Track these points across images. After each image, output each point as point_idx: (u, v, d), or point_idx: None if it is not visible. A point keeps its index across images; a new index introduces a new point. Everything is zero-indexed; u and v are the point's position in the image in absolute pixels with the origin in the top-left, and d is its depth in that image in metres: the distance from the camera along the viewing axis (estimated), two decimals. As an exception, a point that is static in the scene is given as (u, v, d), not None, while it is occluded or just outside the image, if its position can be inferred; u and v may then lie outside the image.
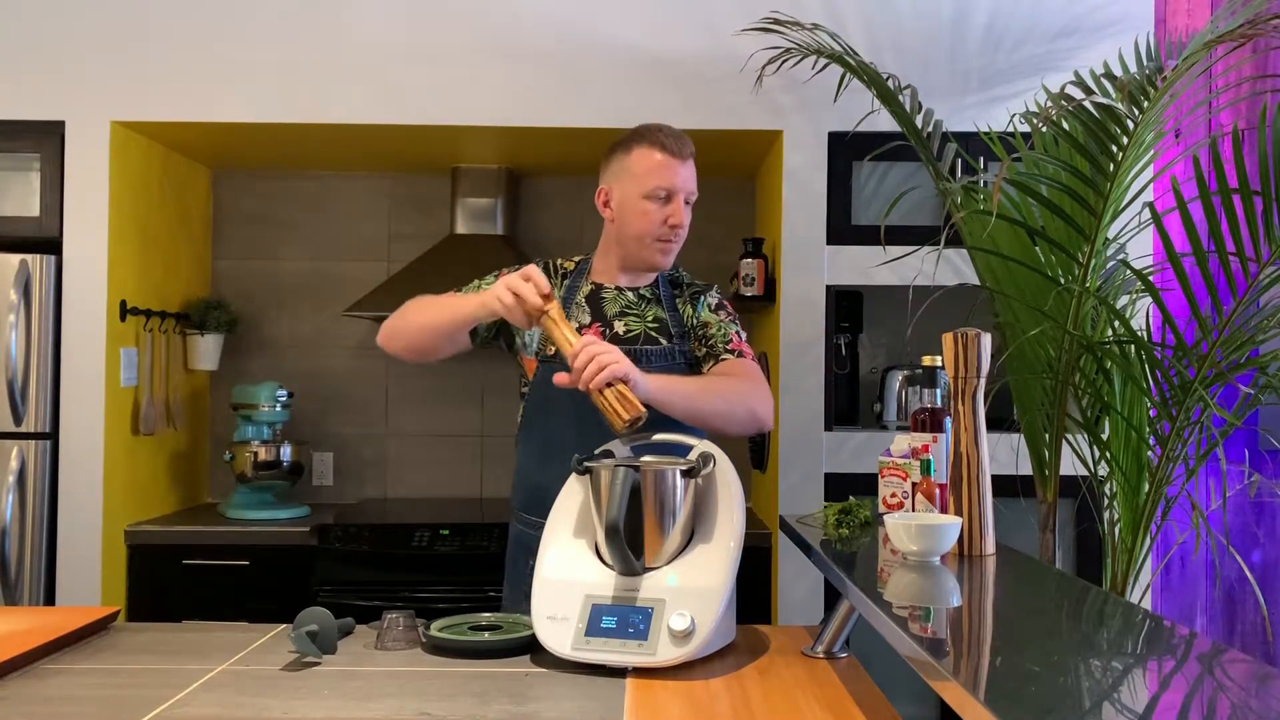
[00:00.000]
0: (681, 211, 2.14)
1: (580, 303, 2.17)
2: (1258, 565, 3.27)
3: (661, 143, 2.12)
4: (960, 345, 1.79)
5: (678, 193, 2.12)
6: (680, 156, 2.13)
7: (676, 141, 2.13)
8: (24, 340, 3.04)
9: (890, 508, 1.99)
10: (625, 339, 2.12)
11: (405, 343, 2.14)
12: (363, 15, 3.12)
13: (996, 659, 1.24)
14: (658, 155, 2.11)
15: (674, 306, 2.19)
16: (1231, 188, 2.18)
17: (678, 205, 2.13)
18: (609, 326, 2.13)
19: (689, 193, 2.15)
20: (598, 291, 2.18)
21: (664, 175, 2.11)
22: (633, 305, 2.17)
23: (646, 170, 2.11)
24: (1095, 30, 3.08)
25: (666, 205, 2.12)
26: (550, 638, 1.66)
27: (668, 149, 2.12)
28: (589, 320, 2.14)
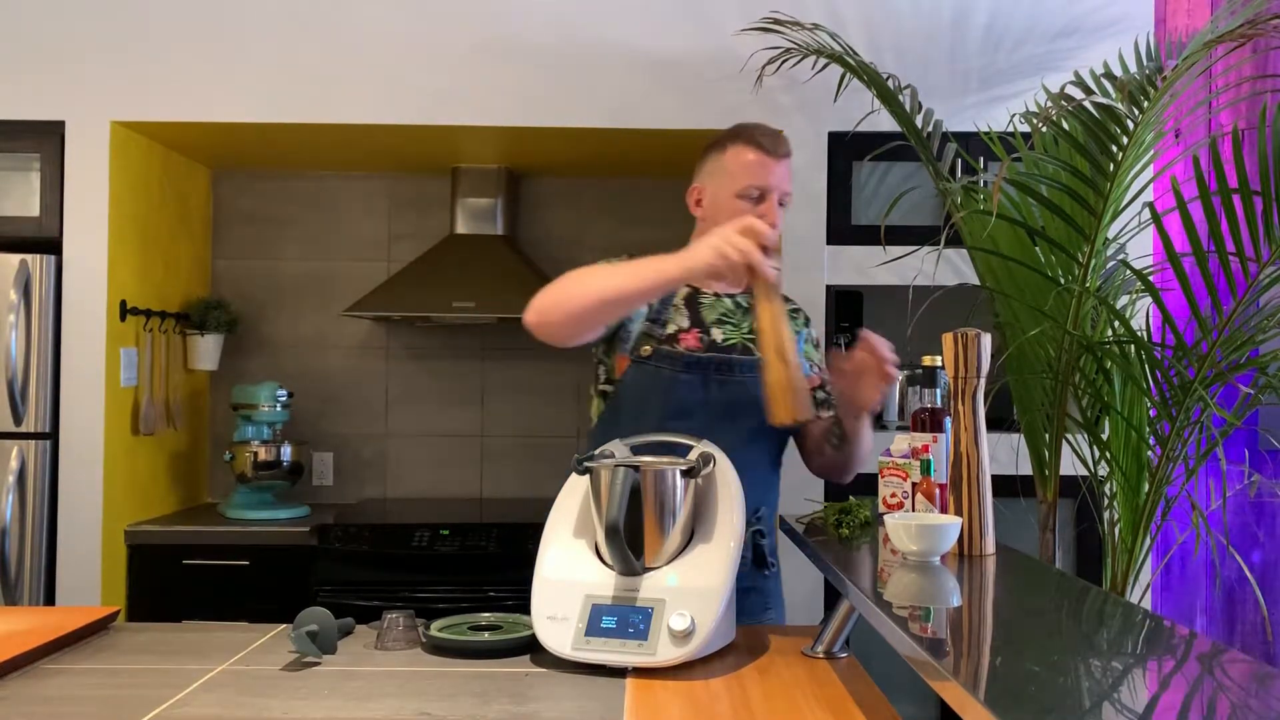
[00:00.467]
0: (775, 211, 2.05)
1: (678, 305, 2.10)
2: (1258, 565, 3.27)
3: (756, 140, 2.06)
4: (960, 345, 1.79)
5: (771, 191, 2.05)
6: (775, 155, 2.06)
7: (772, 140, 2.06)
8: (24, 340, 3.04)
9: (890, 508, 1.99)
10: (722, 347, 2.07)
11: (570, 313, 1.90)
12: (363, 15, 3.12)
13: (996, 659, 1.24)
14: (752, 154, 2.05)
15: None
16: (1231, 188, 2.18)
17: (771, 204, 2.05)
18: (706, 333, 2.09)
19: (783, 193, 2.07)
20: (695, 295, 2.12)
21: (757, 174, 2.04)
22: (730, 313, 2.12)
23: (740, 168, 2.06)
24: (1095, 30, 3.08)
25: (759, 204, 2.04)
26: (550, 638, 1.66)
27: (762, 147, 2.05)
28: (687, 325, 2.08)
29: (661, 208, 3.87)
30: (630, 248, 3.93)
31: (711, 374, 2.05)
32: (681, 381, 2.03)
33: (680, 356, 2.04)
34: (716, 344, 2.08)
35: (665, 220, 3.86)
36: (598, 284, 1.88)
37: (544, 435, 3.86)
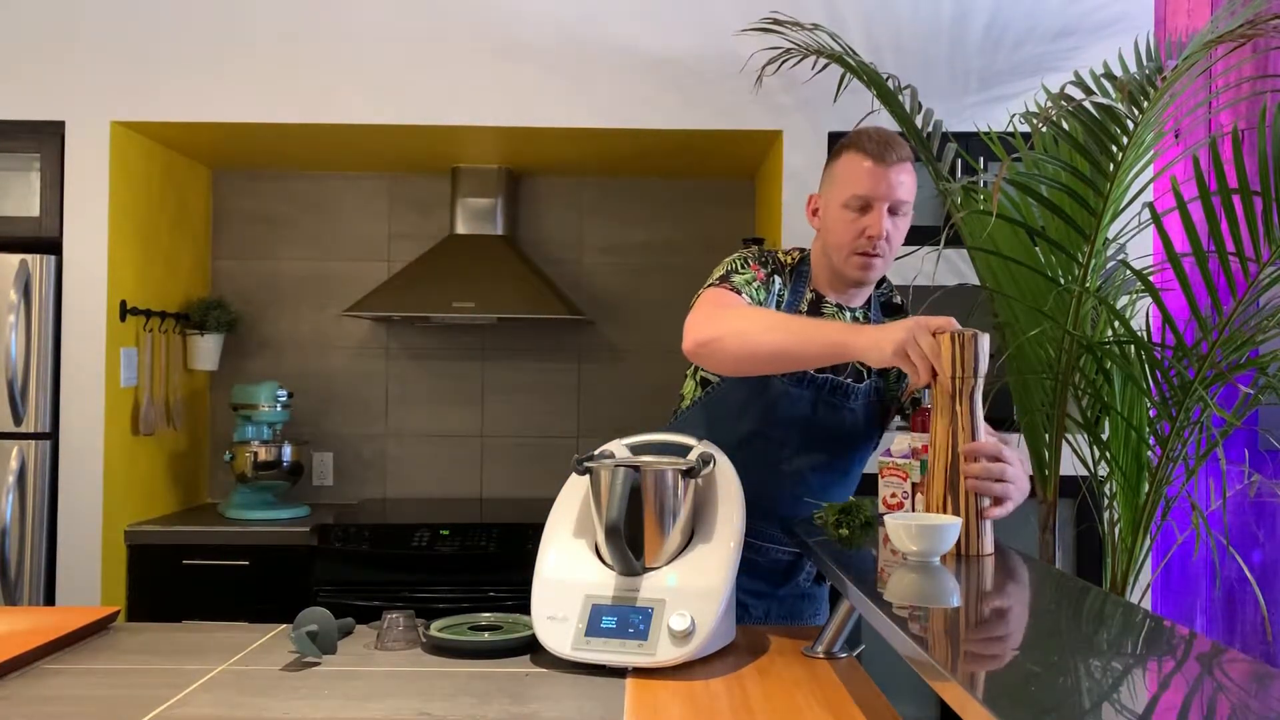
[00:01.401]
0: (881, 222, 1.95)
1: (802, 311, 2.04)
2: (1258, 565, 3.27)
3: (865, 147, 1.96)
4: (958, 346, 1.79)
5: (878, 201, 1.95)
6: (884, 162, 1.94)
7: (882, 146, 1.95)
8: (24, 340, 3.04)
9: (890, 508, 1.98)
10: (833, 366, 2.02)
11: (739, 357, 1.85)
12: (363, 15, 3.12)
13: (996, 659, 1.24)
14: (860, 161, 1.95)
15: None
16: (1231, 188, 2.18)
17: (877, 214, 1.95)
18: None
19: (894, 201, 1.96)
20: (818, 303, 2.06)
21: (863, 181, 1.95)
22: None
23: (848, 176, 1.97)
24: (1095, 30, 3.08)
25: (865, 215, 1.96)
26: (550, 638, 1.66)
27: (870, 153, 1.95)
28: None
29: (661, 208, 3.87)
30: (630, 248, 3.95)
31: (824, 395, 2.01)
32: (793, 395, 2.00)
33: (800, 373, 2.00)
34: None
35: (665, 220, 3.87)
36: (771, 339, 1.82)
37: (544, 435, 3.86)
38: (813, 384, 2.01)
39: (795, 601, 2.14)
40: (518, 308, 3.48)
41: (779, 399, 2.00)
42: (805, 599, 2.16)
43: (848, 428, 2.04)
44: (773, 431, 1.98)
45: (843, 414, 2.04)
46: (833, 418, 2.03)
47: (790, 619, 2.11)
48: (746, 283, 1.98)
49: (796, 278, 2.08)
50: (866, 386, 2.05)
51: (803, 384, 2.01)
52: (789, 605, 2.12)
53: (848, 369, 2.04)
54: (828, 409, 2.02)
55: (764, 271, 2.03)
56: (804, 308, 2.05)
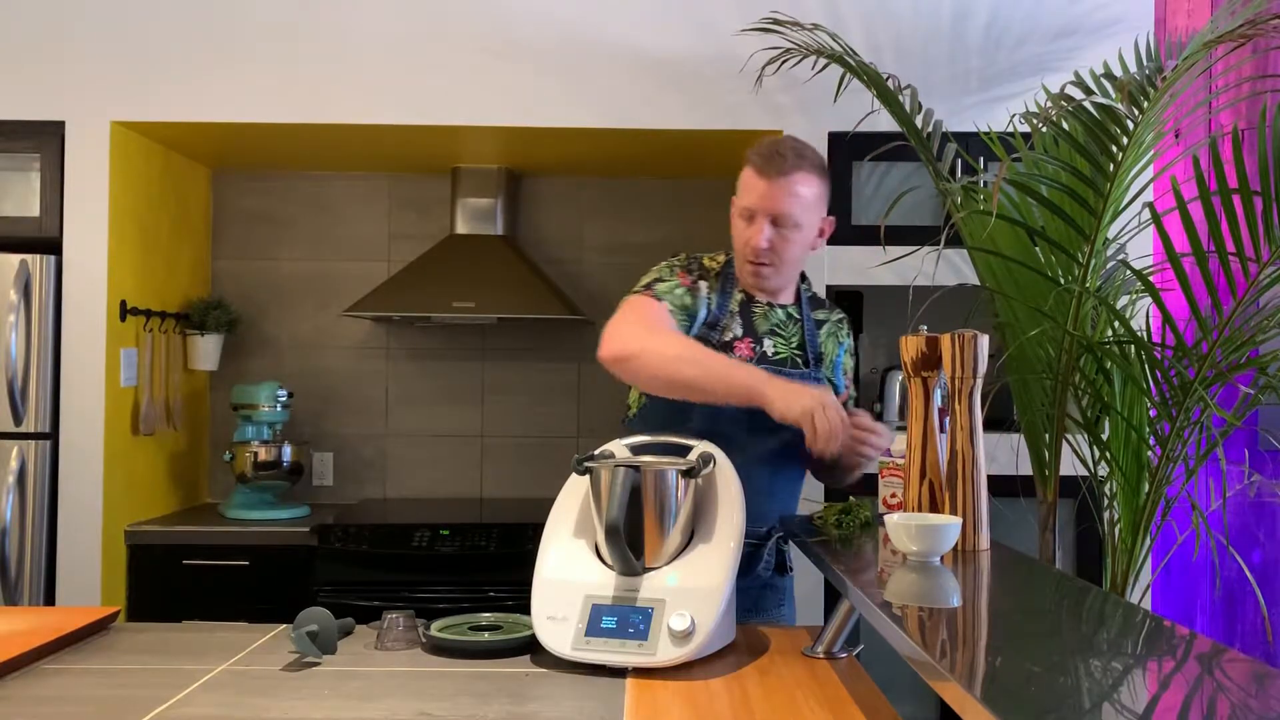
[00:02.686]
0: (759, 234, 2.00)
1: (733, 311, 2.09)
2: (1258, 565, 3.27)
3: (754, 159, 2.02)
4: (958, 346, 1.79)
5: (759, 213, 2.00)
6: (767, 175, 1.99)
7: (768, 158, 2.00)
8: (24, 340, 3.04)
9: (890, 508, 1.99)
10: (773, 360, 2.08)
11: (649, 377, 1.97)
12: (363, 15, 3.12)
13: (996, 659, 1.24)
14: (749, 172, 2.02)
15: (815, 334, 2.15)
16: (1231, 188, 2.18)
17: (757, 226, 2.01)
18: (759, 343, 2.09)
19: (776, 214, 2.00)
20: (749, 303, 2.12)
21: (748, 193, 2.02)
22: (781, 325, 2.13)
23: (741, 186, 2.04)
24: (1095, 30, 3.08)
25: (751, 225, 2.02)
26: (550, 638, 1.66)
27: (756, 166, 2.01)
28: (740, 333, 2.08)
29: (661, 208, 3.87)
30: (630, 248, 3.95)
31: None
32: None
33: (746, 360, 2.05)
34: (767, 356, 2.08)
35: (665, 220, 3.87)
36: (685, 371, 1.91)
37: (544, 435, 3.86)
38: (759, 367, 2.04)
39: (758, 593, 2.15)
40: (518, 308, 3.48)
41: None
42: (768, 589, 2.17)
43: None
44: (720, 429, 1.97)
45: None
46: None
47: (754, 611, 2.12)
48: (669, 290, 2.05)
49: (725, 280, 2.12)
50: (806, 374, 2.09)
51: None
52: (752, 596, 2.13)
53: (787, 365, 2.08)
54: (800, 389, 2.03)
55: (690, 278, 2.08)
56: (735, 307, 2.09)
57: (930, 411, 1.87)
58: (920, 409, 1.88)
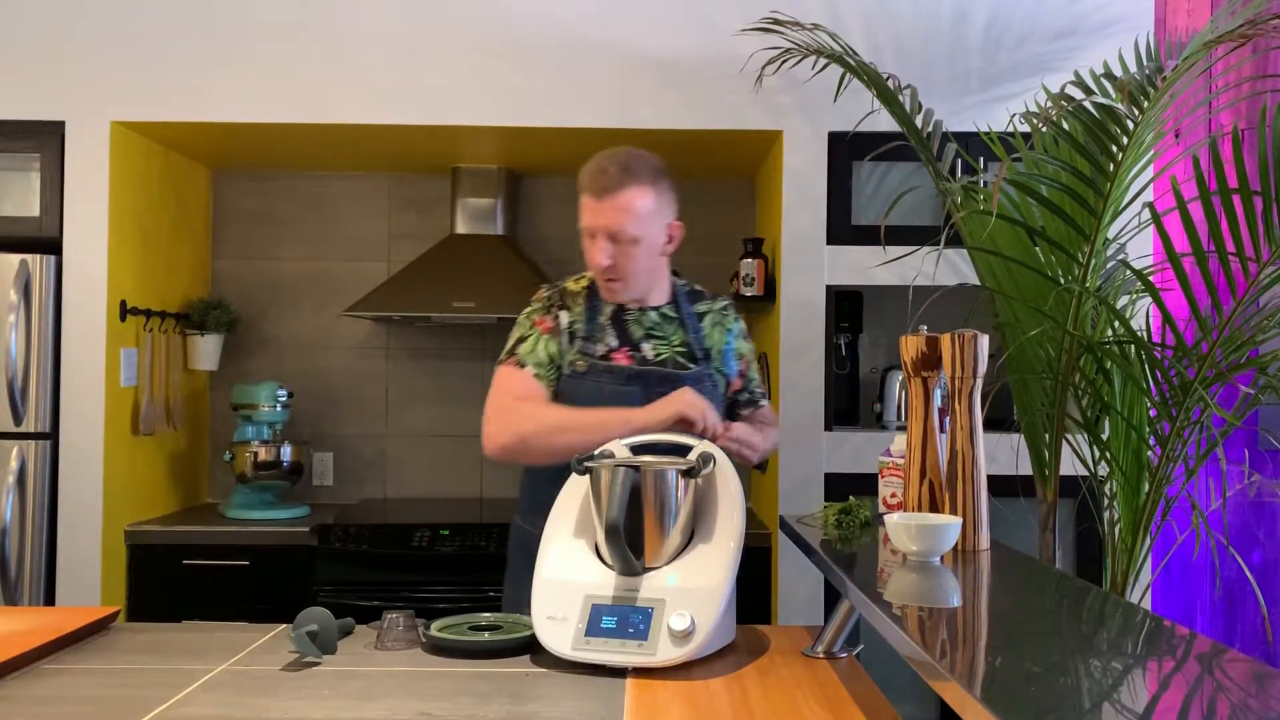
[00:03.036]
0: (599, 253, 2.04)
1: (604, 324, 2.12)
2: (1258, 565, 3.27)
3: (583, 181, 2.06)
4: (958, 346, 1.79)
5: (597, 233, 2.05)
6: (596, 195, 2.03)
7: (595, 178, 2.04)
8: (24, 340, 3.04)
9: (890, 508, 1.99)
10: (654, 362, 2.10)
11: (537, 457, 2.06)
12: (362, 15, 3.12)
13: (996, 659, 1.24)
14: (581, 194, 2.07)
15: (697, 328, 2.17)
16: (1231, 188, 2.18)
17: (597, 245, 2.05)
18: (636, 350, 2.11)
19: (611, 232, 2.03)
20: (620, 313, 2.14)
21: (583, 213, 2.07)
22: (657, 326, 2.15)
23: (580, 206, 2.08)
24: (1095, 30, 3.08)
25: (593, 243, 2.07)
26: (550, 638, 1.66)
27: (586, 187, 2.05)
28: (616, 344, 2.11)
29: (661, 208, 3.87)
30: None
31: (654, 386, 2.07)
32: (624, 394, 2.06)
33: (622, 370, 2.08)
34: (647, 360, 2.10)
35: (665, 220, 3.87)
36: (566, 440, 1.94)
37: (544, 435, 3.86)
38: (639, 378, 2.08)
39: None
40: (518, 308, 3.44)
41: (613, 399, 2.05)
42: None
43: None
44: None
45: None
46: None
47: None
48: (530, 351, 2.10)
49: (592, 296, 2.15)
50: (696, 373, 2.11)
51: (632, 380, 2.07)
52: None
53: (669, 365, 2.10)
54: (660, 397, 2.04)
55: (549, 320, 2.13)
56: (606, 320, 2.12)
57: (930, 411, 1.87)
58: (920, 409, 1.88)
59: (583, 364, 2.08)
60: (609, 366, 2.08)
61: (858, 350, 3.38)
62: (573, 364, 2.09)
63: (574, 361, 2.09)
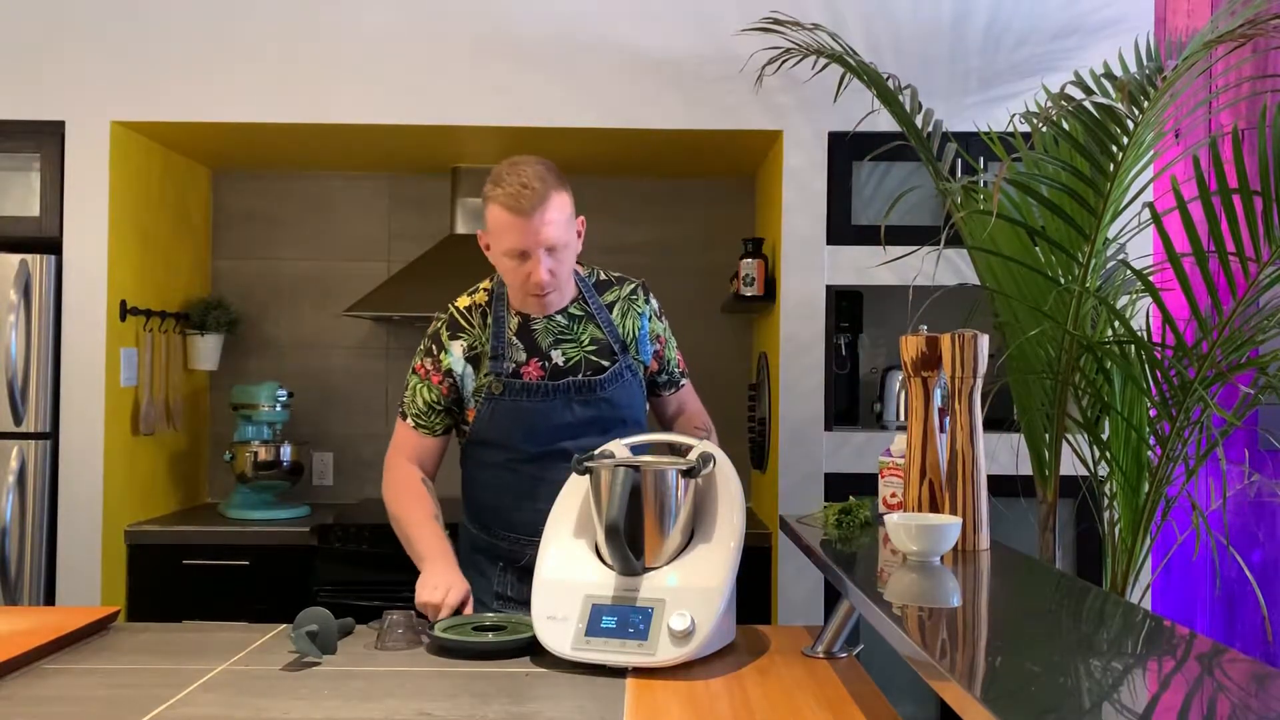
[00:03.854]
0: (540, 268, 1.98)
1: (513, 340, 2.08)
2: (1258, 565, 3.27)
3: (505, 202, 1.96)
4: (958, 346, 1.79)
5: (532, 249, 1.97)
6: (524, 214, 1.95)
7: (518, 196, 1.95)
8: (24, 340, 3.04)
9: (890, 508, 1.99)
10: (567, 369, 2.07)
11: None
12: (362, 15, 3.12)
13: (996, 659, 1.24)
14: (503, 214, 1.97)
15: (609, 320, 2.13)
16: (1231, 188, 2.18)
17: (535, 262, 1.98)
18: (546, 359, 2.07)
19: (548, 244, 1.98)
20: (527, 323, 2.10)
21: (511, 236, 1.97)
22: (566, 330, 2.10)
23: (498, 229, 1.99)
24: (1095, 30, 3.08)
25: (525, 262, 1.99)
26: (550, 638, 1.66)
27: (510, 207, 1.96)
28: (524, 357, 2.07)
29: (661, 208, 3.87)
30: (630, 248, 3.95)
31: (573, 396, 2.06)
32: (544, 409, 2.06)
33: (538, 386, 2.05)
34: (560, 369, 2.07)
35: (665, 220, 3.87)
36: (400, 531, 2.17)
37: (544, 435, 3.86)
38: (559, 390, 2.06)
39: None
40: (518, 308, 3.47)
41: (534, 414, 2.06)
42: None
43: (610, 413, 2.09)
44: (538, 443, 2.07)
45: (597, 404, 2.08)
46: (591, 411, 2.08)
47: None
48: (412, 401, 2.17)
49: (496, 306, 2.11)
50: (614, 371, 2.10)
51: (551, 395, 2.06)
52: None
53: (582, 367, 2.08)
54: (583, 405, 2.07)
55: (428, 362, 2.12)
56: (512, 335, 2.09)
57: (930, 411, 1.87)
58: (920, 409, 1.88)
59: (498, 385, 2.05)
60: (524, 384, 2.05)
61: (858, 350, 3.37)
62: (488, 387, 2.07)
63: (489, 384, 2.06)
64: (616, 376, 2.09)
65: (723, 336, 3.79)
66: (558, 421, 2.06)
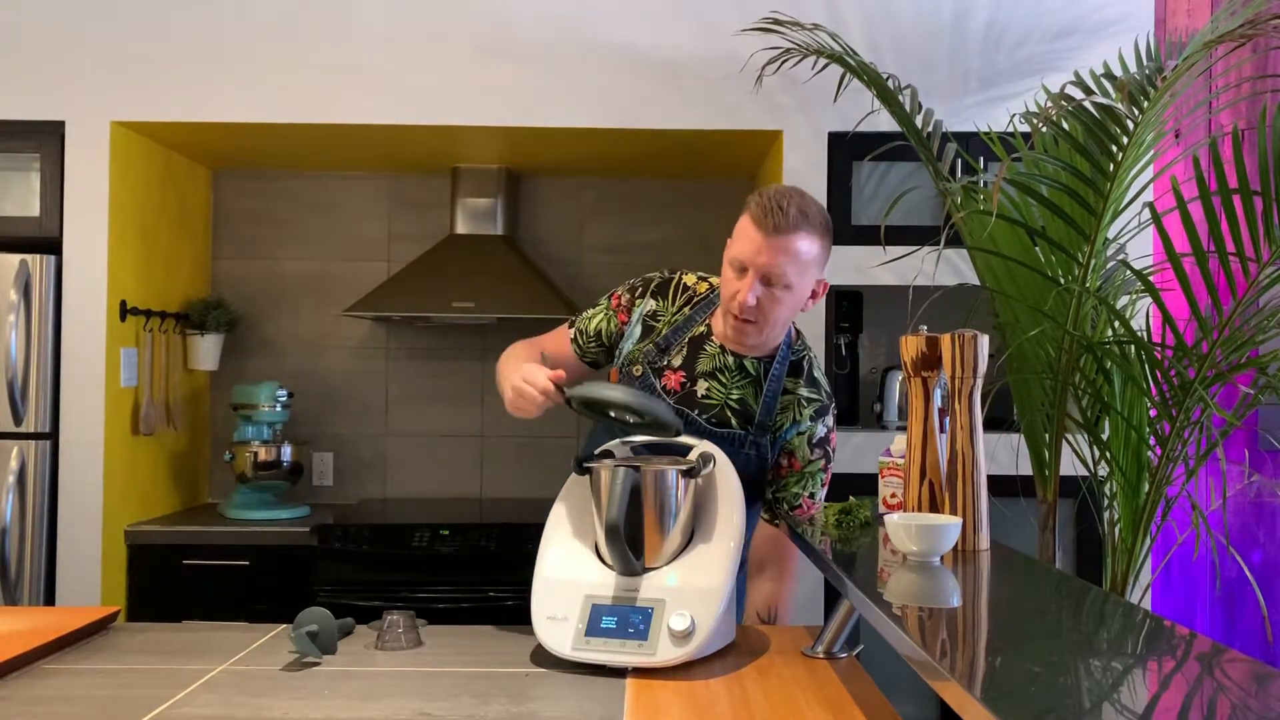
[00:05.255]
0: (748, 291, 1.87)
1: (684, 343, 2.01)
2: (1258, 565, 3.27)
3: (755, 212, 1.88)
4: (958, 346, 1.79)
5: (753, 269, 1.87)
6: (766, 231, 1.85)
7: (771, 212, 1.86)
8: (24, 340, 3.04)
9: (890, 508, 1.98)
10: (700, 402, 1.98)
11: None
12: (363, 15, 3.12)
13: (996, 659, 1.24)
14: (749, 224, 1.89)
15: (774, 396, 1.99)
16: (1231, 188, 2.18)
17: (747, 282, 1.88)
18: (691, 381, 1.99)
19: (769, 274, 1.87)
20: (702, 340, 2.02)
21: (744, 245, 1.89)
22: (726, 370, 1.99)
23: (738, 235, 1.92)
24: (1095, 30, 3.08)
25: (741, 278, 1.90)
26: (550, 638, 1.66)
27: (757, 219, 1.87)
28: (678, 364, 1.99)
29: (661, 208, 3.87)
30: (630, 248, 3.95)
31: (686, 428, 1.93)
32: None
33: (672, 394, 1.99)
34: (695, 396, 1.98)
35: (665, 220, 3.87)
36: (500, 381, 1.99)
37: (544, 435, 3.86)
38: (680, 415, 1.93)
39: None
40: (518, 308, 3.47)
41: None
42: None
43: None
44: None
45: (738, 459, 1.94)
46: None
47: None
48: (587, 319, 2.11)
49: (701, 307, 2.05)
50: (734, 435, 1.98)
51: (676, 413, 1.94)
52: None
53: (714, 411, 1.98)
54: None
55: (625, 298, 2.09)
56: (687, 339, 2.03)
57: (930, 411, 1.87)
58: (920, 409, 1.88)
59: (639, 369, 1.99)
60: (658, 386, 1.98)
61: (858, 350, 3.37)
62: (632, 362, 2.01)
63: (634, 361, 2.00)
64: (732, 441, 1.97)
65: (723, 336, 3.78)
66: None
